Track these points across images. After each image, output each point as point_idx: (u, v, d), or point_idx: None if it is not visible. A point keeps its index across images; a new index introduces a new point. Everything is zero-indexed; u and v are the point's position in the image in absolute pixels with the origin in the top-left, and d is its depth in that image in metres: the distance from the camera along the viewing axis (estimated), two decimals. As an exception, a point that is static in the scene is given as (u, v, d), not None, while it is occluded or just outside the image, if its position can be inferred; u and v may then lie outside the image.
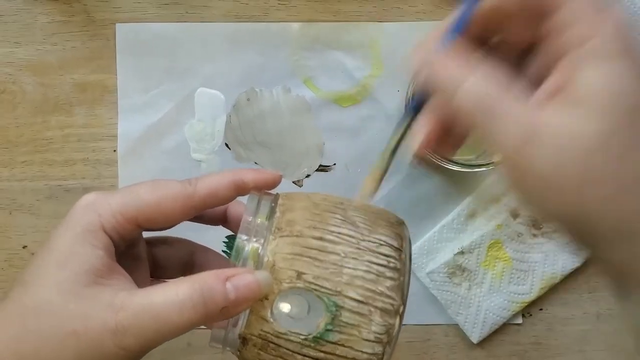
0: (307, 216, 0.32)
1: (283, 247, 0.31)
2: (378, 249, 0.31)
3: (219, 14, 0.53)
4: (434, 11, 0.53)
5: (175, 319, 0.29)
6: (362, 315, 0.30)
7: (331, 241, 0.31)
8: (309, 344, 0.30)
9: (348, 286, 0.30)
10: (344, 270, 0.30)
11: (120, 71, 0.53)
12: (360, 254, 0.31)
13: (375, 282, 0.31)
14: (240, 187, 0.34)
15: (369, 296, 0.30)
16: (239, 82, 0.53)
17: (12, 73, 0.53)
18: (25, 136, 0.53)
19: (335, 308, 0.30)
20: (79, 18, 0.53)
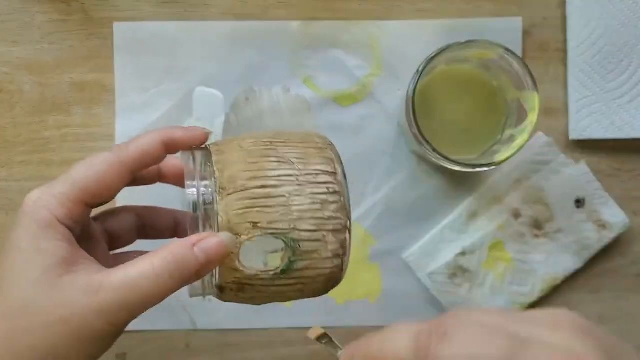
0: (244, 168, 0.34)
1: (232, 204, 0.33)
2: (316, 179, 0.35)
3: (218, 13, 0.52)
4: (435, 9, 0.53)
5: (155, 289, 0.32)
6: (317, 241, 0.34)
7: (273, 186, 0.34)
8: (279, 276, 0.34)
9: (300, 221, 0.34)
10: (292, 208, 0.34)
11: (118, 70, 0.52)
12: (302, 189, 0.34)
13: (321, 209, 0.34)
14: (170, 145, 0.36)
15: (319, 223, 0.34)
16: (238, 81, 0.52)
17: (10, 72, 0.52)
18: (23, 136, 0.52)
19: (294, 242, 0.34)
20: (76, 17, 0.52)
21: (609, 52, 0.52)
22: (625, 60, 0.52)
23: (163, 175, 0.40)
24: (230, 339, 0.53)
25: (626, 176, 0.53)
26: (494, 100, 0.49)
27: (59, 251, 0.33)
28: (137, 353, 0.53)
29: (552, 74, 0.53)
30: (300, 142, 0.36)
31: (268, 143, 0.36)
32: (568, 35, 0.52)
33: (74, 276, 0.32)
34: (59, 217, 0.34)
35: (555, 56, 0.53)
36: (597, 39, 0.52)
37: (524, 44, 0.53)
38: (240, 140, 0.36)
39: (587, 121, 0.52)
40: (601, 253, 0.53)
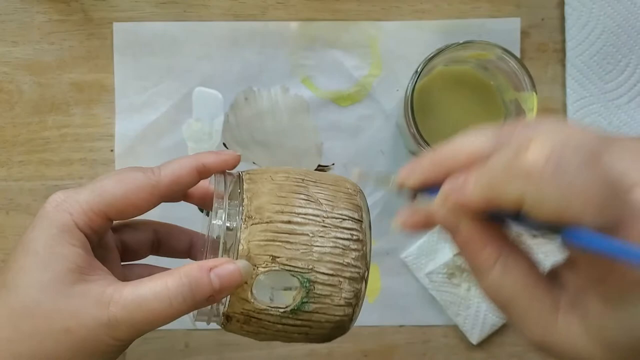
0: (273, 201, 0.34)
1: (255, 234, 0.33)
2: (341, 224, 0.34)
3: (217, 13, 0.53)
4: (433, 10, 0.53)
5: (166, 311, 0.31)
6: (333, 286, 0.33)
7: (299, 223, 0.34)
8: (287, 315, 0.33)
9: (318, 262, 0.33)
10: (314, 248, 0.33)
11: (118, 70, 0.52)
12: (326, 231, 0.34)
13: (342, 255, 0.34)
14: (202, 171, 0.36)
15: (338, 269, 0.33)
16: (237, 82, 0.52)
17: (9, 72, 0.52)
18: (22, 136, 0.52)
19: (309, 283, 0.33)
20: (76, 17, 0.52)
21: (607, 53, 0.52)
22: (623, 61, 0.52)
23: (189, 194, 0.39)
24: (229, 338, 0.53)
25: (624, 176, 0.53)
26: (492, 100, 0.49)
27: (74, 257, 0.32)
28: (137, 352, 0.53)
29: (550, 74, 0.53)
30: (331, 185, 0.36)
31: (300, 180, 0.35)
32: (566, 36, 0.52)
33: (86, 286, 0.32)
34: (79, 224, 0.33)
35: (554, 57, 0.53)
36: (595, 39, 0.52)
37: (522, 44, 0.53)
38: (272, 172, 0.36)
39: (585, 122, 0.52)
40: (599, 253, 0.53)
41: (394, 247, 0.53)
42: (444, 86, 0.49)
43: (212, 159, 0.36)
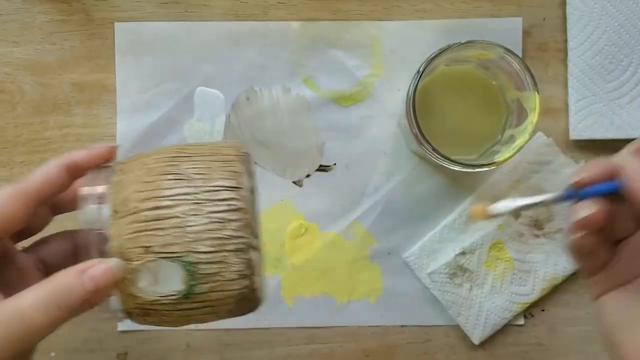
0: (138, 188, 0.33)
1: (123, 228, 0.32)
2: (216, 196, 0.33)
3: (219, 13, 0.53)
4: (435, 10, 0.53)
5: (43, 321, 0.31)
6: (218, 263, 0.32)
7: (167, 206, 0.32)
8: (182, 301, 0.33)
9: (196, 242, 0.32)
10: (187, 229, 0.32)
11: (119, 70, 0.52)
12: (199, 208, 0.33)
13: (221, 229, 0.32)
14: (73, 168, 0.35)
15: (219, 244, 0.32)
16: (239, 82, 0.52)
17: (11, 73, 0.52)
18: (24, 136, 0.53)
19: (191, 265, 0.32)
20: (77, 17, 0.52)
21: (609, 52, 0.52)
22: (625, 61, 0.52)
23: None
24: (230, 338, 0.53)
25: (626, 176, 0.53)
26: (494, 100, 0.49)
27: None
28: (138, 352, 0.53)
29: (552, 74, 0.53)
30: (206, 156, 0.35)
31: (170, 159, 0.34)
32: (568, 36, 0.52)
33: None
34: None
35: (555, 56, 0.53)
36: (597, 39, 0.52)
37: (523, 44, 0.53)
38: (145, 156, 0.35)
39: (587, 121, 0.52)
40: (601, 253, 0.53)
41: (396, 247, 0.53)
42: (445, 86, 0.49)
43: (82, 155, 0.35)
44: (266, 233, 0.53)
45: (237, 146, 0.36)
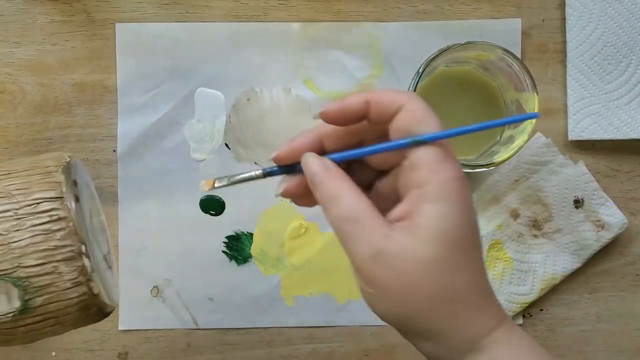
0: None
1: None
2: (36, 209, 0.33)
3: (219, 14, 0.53)
4: (434, 11, 0.53)
5: None
6: (49, 274, 0.33)
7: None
8: (20, 316, 0.33)
9: (23, 257, 0.32)
10: (12, 245, 0.32)
11: (120, 71, 0.52)
12: (20, 223, 0.33)
13: (46, 240, 0.33)
14: None
15: (47, 255, 0.33)
16: (239, 82, 0.53)
17: (12, 73, 0.53)
18: (25, 136, 0.53)
19: (22, 280, 0.32)
20: (78, 18, 0.53)
21: (608, 54, 0.52)
22: (624, 62, 0.52)
23: None
24: (231, 338, 0.53)
25: (624, 177, 0.54)
26: (494, 101, 0.49)
27: None
28: (139, 352, 0.53)
29: (551, 75, 0.53)
30: (25, 171, 0.35)
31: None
32: (567, 37, 0.52)
33: None
34: None
35: (554, 57, 0.53)
36: (595, 40, 0.52)
37: (523, 45, 0.53)
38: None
39: (586, 122, 0.52)
40: (599, 253, 0.53)
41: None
42: (445, 87, 0.49)
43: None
44: (266, 233, 0.53)
45: (59, 157, 0.36)
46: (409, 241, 0.31)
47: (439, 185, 0.31)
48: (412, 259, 0.31)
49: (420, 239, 0.31)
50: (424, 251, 0.31)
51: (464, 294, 0.32)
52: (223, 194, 0.53)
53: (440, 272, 0.31)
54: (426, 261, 0.31)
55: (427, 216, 0.31)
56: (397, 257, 0.31)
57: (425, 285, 0.31)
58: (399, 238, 0.31)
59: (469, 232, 0.32)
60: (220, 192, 0.53)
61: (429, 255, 0.31)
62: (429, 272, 0.31)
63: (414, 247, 0.31)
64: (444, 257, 0.31)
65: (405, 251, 0.31)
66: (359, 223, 0.32)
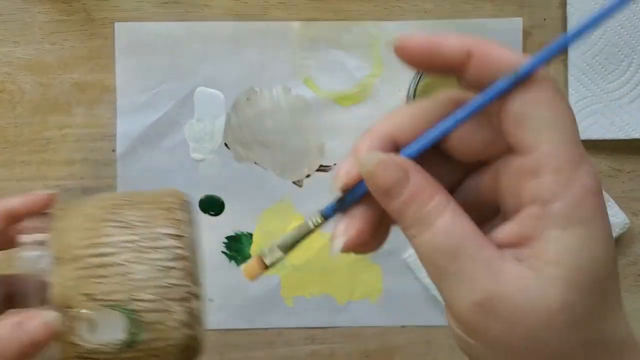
0: (80, 235, 0.32)
1: (65, 274, 0.32)
2: (158, 244, 0.33)
3: (219, 13, 0.53)
4: (435, 10, 0.53)
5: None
6: (161, 311, 0.32)
7: (110, 254, 0.32)
8: (124, 350, 0.32)
9: (138, 290, 0.32)
10: (130, 277, 0.32)
11: (119, 70, 0.52)
12: (141, 256, 0.32)
13: (164, 277, 0.32)
14: (11, 215, 0.34)
15: (162, 292, 0.32)
16: (239, 82, 0.52)
17: (11, 72, 0.52)
18: (24, 136, 0.52)
19: (134, 314, 0.32)
20: (77, 17, 0.52)
21: (609, 53, 0.52)
22: (625, 61, 0.52)
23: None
24: (231, 338, 0.53)
25: (626, 177, 0.53)
26: (495, 100, 0.49)
27: None
28: (138, 353, 0.53)
29: (553, 74, 0.53)
30: (147, 203, 0.34)
31: (111, 206, 0.34)
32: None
33: None
34: None
35: (556, 56, 0.53)
36: (597, 39, 0.52)
37: (524, 44, 0.53)
38: (83, 204, 0.34)
39: (588, 121, 0.52)
40: (601, 253, 0.53)
41: (396, 247, 0.53)
42: (446, 86, 0.49)
43: (19, 202, 0.34)
44: (266, 233, 0.53)
45: (179, 194, 0.36)
46: (532, 282, 0.22)
47: (574, 204, 0.22)
48: (537, 308, 0.22)
49: (547, 279, 0.22)
50: (555, 297, 0.22)
51: (609, 345, 0.24)
52: (223, 194, 0.53)
53: (576, 324, 0.23)
54: (558, 311, 0.22)
55: (557, 247, 0.22)
56: (515, 305, 0.22)
57: (557, 341, 0.23)
58: (516, 277, 0.23)
59: (610, 266, 0.23)
60: (220, 191, 0.53)
61: (562, 303, 0.22)
62: (562, 324, 0.22)
63: (540, 291, 0.22)
64: (582, 304, 0.22)
65: (527, 297, 0.22)
66: (460, 256, 0.23)
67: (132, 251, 0.32)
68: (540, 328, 0.22)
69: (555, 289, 0.22)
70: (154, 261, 0.32)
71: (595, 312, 0.23)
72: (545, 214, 0.22)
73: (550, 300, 0.22)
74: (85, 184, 0.53)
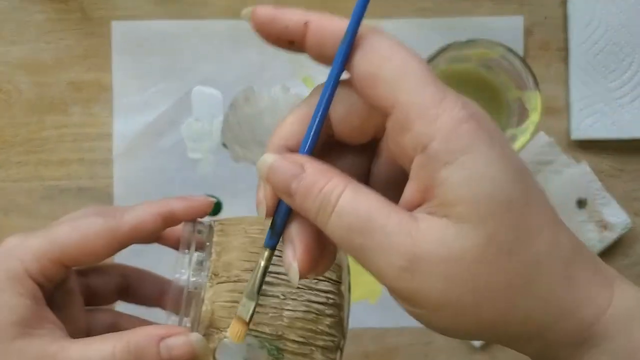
0: (243, 257, 0.31)
1: (221, 294, 0.30)
2: (317, 285, 0.31)
3: (217, 11, 0.52)
4: (435, 8, 0.52)
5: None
6: (304, 355, 0.31)
7: (270, 283, 0.31)
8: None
9: (289, 329, 0.30)
10: (284, 312, 0.31)
11: (116, 70, 0.52)
12: (299, 293, 0.31)
13: (315, 321, 0.31)
14: (169, 218, 0.33)
15: (310, 336, 0.31)
16: (237, 81, 0.52)
17: (7, 72, 0.52)
18: (21, 136, 0.52)
19: (277, 352, 0.30)
20: (74, 16, 0.52)
21: (611, 51, 0.52)
22: (627, 60, 0.52)
23: (163, 237, 0.37)
24: (229, 340, 0.53)
25: (628, 176, 0.53)
26: (496, 99, 0.48)
27: (19, 309, 0.30)
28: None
29: (554, 73, 0.53)
30: None
31: None
32: (569, 34, 0.52)
33: (28, 341, 0.29)
34: (31, 271, 0.31)
35: (557, 55, 0.53)
36: (598, 38, 0.52)
37: (525, 43, 0.52)
38: (247, 224, 0.33)
39: (589, 121, 0.52)
40: (603, 253, 0.52)
41: (396, 247, 0.52)
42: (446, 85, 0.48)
43: (181, 205, 0.33)
44: (265, 234, 0.53)
45: None
46: (446, 229, 0.22)
47: (448, 137, 0.22)
48: (458, 254, 0.22)
49: (457, 219, 0.22)
50: (472, 236, 0.22)
51: (548, 269, 0.23)
52: (221, 194, 0.52)
53: (504, 254, 0.22)
54: (479, 247, 0.22)
55: (452, 186, 0.22)
56: (438, 259, 0.22)
57: (489, 282, 0.22)
58: (430, 230, 0.22)
59: (519, 183, 0.23)
60: (218, 191, 0.52)
61: (480, 239, 0.22)
62: (489, 262, 0.22)
63: (456, 235, 0.22)
64: (503, 233, 0.22)
65: (445, 247, 0.22)
66: (372, 229, 0.23)
67: (290, 286, 0.31)
68: (472, 273, 0.22)
69: (468, 228, 0.22)
70: (310, 303, 0.31)
71: (521, 235, 0.22)
72: (428, 158, 0.22)
73: (469, 241, 0.22)
74: (82, 184, 0.52)
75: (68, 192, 0.52)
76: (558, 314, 0.24)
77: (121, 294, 0.38)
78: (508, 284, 0.23)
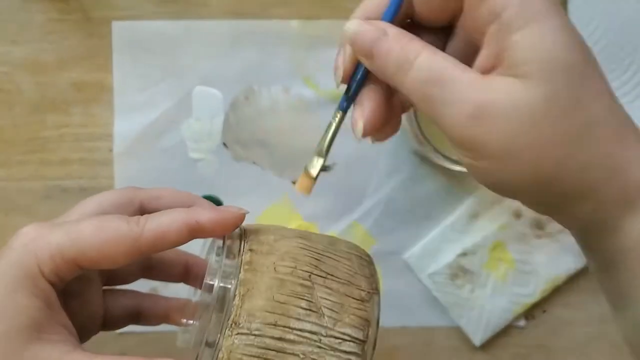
0: (268, 307, 0.30)
1: (239, 346, 0.29)
2: (340, 346, 0.30)
3: (218, 11, 0.52)
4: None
5: None
6: None
7: (291, 341, 0.30)
8: None
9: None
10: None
11: (117, 70, 0.52)
12: (320, 353, 0.30)
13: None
14: (195, 229, 0.31)
15: None
16: (238, 81, 0.52)
17: (9, 72, 0.52)
18: (22, 136, 0.52)
19: None
20: (75, 16, 0.52)
21: (611, 52, 0.52)
22: (627, 60, 0.52)
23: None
24: (229, 339, 0.53)
25: (628, 176, 0.53)
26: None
27: (33, 312, 0.28)
28: (137, 354, 0.52)
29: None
30: (343, 284, 0.31)
31: (307, 276, 0.31)
32: (570, 34, 0.52)
33: (41, 346, 0.28)
34: (45, 271, 0.29)
35: None
36: (598, 38, 0.52)
37: (525, 43, 0.52)
38: (278, 257, 0.31)
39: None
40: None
41: (396, 247, 0.53)
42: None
43: (208, 216, 0.31)
44: (265, 233, 0.53)
45: (371, 278, 0.33)
46: (513, 85, 0.25)
47: (522, 5, 0.25)
48: (524, 106, 0.24)
49: (525, 78, 0.24)
50: (537, 91, 0.24)
51: (604, 128, 0.25)
52: (221, 194, 0.52)
53: (565, 110, 0.25)
54: (544, 102, 0.24)
55: (522, 48, 0.25)
56: (505, 110, 0.25)
57: (551, 134, 0.25)
58: (497, 85, 0.25)
59: (579, 51, 0.25)
60: (219, 191, 0.52)
61: (545, 94, 0.24)
62: (552, 116, 0.24)
63: (521, 91, 0.24)
64: (564, 91, 0.25)
65: (514, 99, 0.25)
66: (445, 80, 0.26)
67: (313, 345, 0.30)
68: (535, 124, 0.24)
69: (536, 84, 0.24)
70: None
71: (581, 97, 0.25)
72: (501, 25, 0.25)
73: (536, 96, 0.24)
74: (83, 184, 0.52)
75: (69, 192, 0.52)
76: (611, 168, 0.25)
77: (144, 271, 0.37)
78: (568, 138, 0.25)
